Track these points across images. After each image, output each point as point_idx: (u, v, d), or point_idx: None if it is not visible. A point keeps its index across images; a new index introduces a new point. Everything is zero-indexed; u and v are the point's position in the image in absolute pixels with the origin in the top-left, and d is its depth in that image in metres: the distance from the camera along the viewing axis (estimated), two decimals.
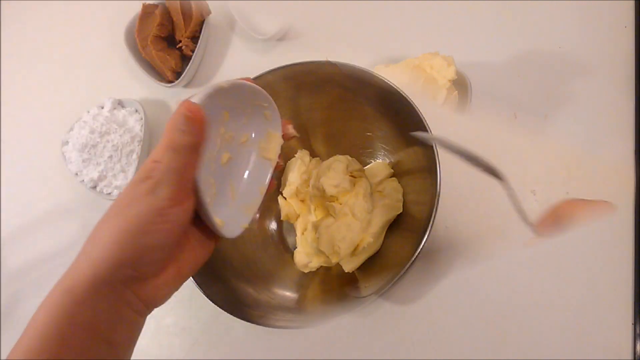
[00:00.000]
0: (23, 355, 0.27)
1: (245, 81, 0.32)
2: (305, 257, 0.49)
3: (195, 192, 0.30)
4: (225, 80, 0.31)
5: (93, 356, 0.28)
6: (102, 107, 0.65)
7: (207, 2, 0.66)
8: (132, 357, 0.57)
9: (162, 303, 0.31)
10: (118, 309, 0.29)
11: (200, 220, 0.31)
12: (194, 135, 0.28)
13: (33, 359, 0.27)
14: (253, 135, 0.36)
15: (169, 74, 0.65)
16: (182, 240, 0.31)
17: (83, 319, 0.28)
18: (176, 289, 0.32)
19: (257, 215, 0.36)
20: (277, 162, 0.37)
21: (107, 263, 0.28)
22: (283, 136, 0.36)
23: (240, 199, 0.36)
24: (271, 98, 0.34)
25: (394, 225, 0.48)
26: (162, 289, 0.31)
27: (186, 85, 0.67)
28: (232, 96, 0.32)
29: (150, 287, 0.30)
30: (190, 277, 0.41)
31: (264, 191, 0.37)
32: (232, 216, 0.34)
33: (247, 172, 0.36)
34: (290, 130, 0.37)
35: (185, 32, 0.65)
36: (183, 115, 0.28)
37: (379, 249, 0.48)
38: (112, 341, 0.29)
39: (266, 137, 0.36)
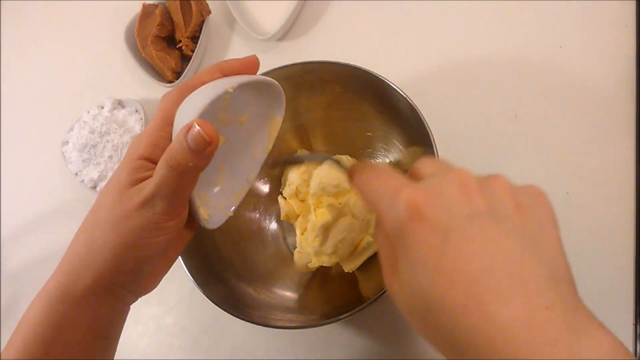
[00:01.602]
0: (18, 356, 0.27)
1: (256, 77, 0.31)
2: (305, 257, 0.49)
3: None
4: (234, 81, 0.28)
5: (92, 352, 0.29)
6: (102, 107, 0.66)
7: (207, 2, 0.66)
8: (132, 358, 0.57)
9: (152, 290, 0.33)
10: (115, 308, 0.30)
11: None
12: (204, 159, 0.26)
13: (31, 359, 0.27)
14: (254, 116, 0.34)
15: (169, 74, 0.65)
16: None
17: (84, 321, 0.28)
18: (164, 275, 0.33)
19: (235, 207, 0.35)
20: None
21: (107, 274, 0.28)
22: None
23: (228, 184, 0.34)
24: (280, 87, 0.33)
25: None
26: (153, 281, 0.32)
27: None
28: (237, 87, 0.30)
29: (144, 284, 0.31)
30: (190, 278, 0.42)
31: (253, 179, 0.35)
32: (216, 204, 0.33)
33: (240, 156, 0.34)
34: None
35: (185, 32, 0.65)
36: (202, 137, 0.25)
37: None
38: (109, 335, 0.31)
39: (267, 121, 0.34)
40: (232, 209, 0.34)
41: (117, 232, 0.27)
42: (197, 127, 0.25)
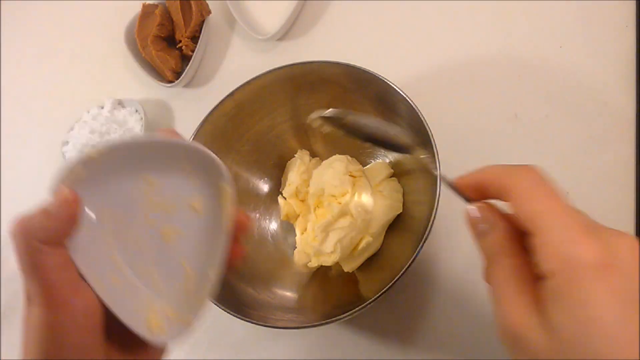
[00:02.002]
0: None
1: (140, 137, 0.26)
2: (305, 257, 0.49)
3: (97, 295, 0.25)
4: (103, 144, 0.25)
5: None
6: (102, 107, 0.66)
7: (207, 2, 0.66)
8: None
9: None
10: None
11: None
12: (60, 222, 0.24)
13: None
14: (202, 196, 0.28)
15: (169, 74, 0.65)
16: (115, 346, 0.27)
17: None
18: None
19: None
20: (242, 221, 0.28)
21: None
22: (240, 226, 0.28)
23: (191, 284, 0.29)
24: (201, 146, 0.27)
25: (394, 225, 0.48)
26: None
27: (186, 86, 0.67)
28: (144, 156, 0.27)
29: None
30: None
31: (216, 274, 0.28)
32: (177, 311, 0.28)
33: (200, 247, 0.29)
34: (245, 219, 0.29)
35: (185, 32, 0.65)
36: (61, 198, 0.24)
37: (379, 249, 0.48)
38: None
39: (217, 196, 0.28)
40: (198, 314, 0.28)
41: (29, 345, 0.24)
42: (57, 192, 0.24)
